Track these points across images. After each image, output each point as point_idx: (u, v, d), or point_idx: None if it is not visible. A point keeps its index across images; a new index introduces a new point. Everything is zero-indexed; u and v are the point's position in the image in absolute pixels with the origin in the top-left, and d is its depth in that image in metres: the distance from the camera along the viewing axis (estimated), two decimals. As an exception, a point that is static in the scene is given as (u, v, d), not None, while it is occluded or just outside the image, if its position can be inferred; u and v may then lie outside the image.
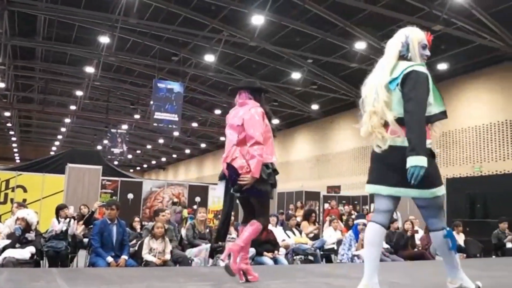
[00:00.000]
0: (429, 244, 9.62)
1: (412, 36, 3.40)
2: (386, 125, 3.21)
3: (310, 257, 9.58)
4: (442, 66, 21.32)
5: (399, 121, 3.13)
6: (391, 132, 3.17)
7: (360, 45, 20.70)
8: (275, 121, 33.31)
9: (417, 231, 10.08)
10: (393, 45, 3.42)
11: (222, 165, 4.22)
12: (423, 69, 3.18)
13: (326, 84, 25.98)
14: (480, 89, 20.84)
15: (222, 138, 42.03)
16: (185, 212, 16.08)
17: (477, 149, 20.61)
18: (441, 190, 3.25)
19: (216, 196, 18.60)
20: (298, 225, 11.32)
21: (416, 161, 2.95)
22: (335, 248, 9.67)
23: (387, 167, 3.22)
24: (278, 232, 9.38)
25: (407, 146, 3.02)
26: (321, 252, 9.97)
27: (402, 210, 15.36)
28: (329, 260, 10.01)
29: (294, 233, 10.03)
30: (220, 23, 21.33)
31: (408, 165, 2.98)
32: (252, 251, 7.74)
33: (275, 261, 7.75)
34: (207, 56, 24.09)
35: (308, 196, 20.34)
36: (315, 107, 30.01)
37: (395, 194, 3.25)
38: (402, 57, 3.35)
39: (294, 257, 9.54)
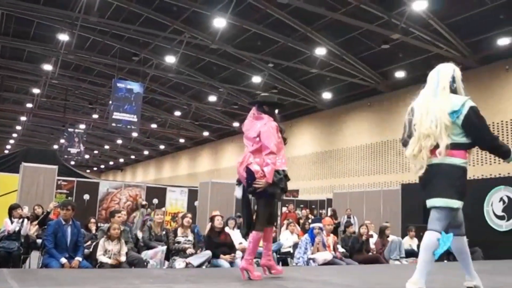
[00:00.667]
0: (383, 248, 9.84)
1: (457, 71, 3.87)
2: (435, 147, 3.58)
3: (267, 260, 9.62)
4: (400, 74, 21.85)
5: (455, 145, 3.56)
6: (448, 153, 3.55)
7: (320, 51, 20.98)
8: (235, 124, 33.40)
9: (371, 236, 10.28)
10: (445, 78, 3.80)
11: (238, 170, 4.70)
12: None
13: (286, 88, 26.20)
14: (435, 97, 21.40)
15: (181, 140, 41.87)
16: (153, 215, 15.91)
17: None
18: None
19: (174, 199, 18.49)
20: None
21: None
22: (291, 251, 9.76)
23: (447, 182, 3.55)
24: (236, 235, 9.39)
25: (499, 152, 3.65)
26: (278, 255, 10.05)
27: (358, 215, 15.66)
28: (285, 263, 10.09)
29: (251, 236, 10.07)
30: (182, 25, 21.25)
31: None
32: (208, 253, 7.75)
33: (232, 264, 7.76)
34: (168, 57, 23.95)
35: (266, 199, 20.41)
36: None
37: (434, 204, 3.62)
38: (450, 88, 3.79)
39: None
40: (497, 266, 6.23)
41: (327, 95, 26.04)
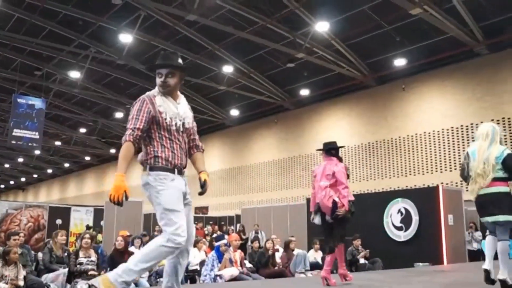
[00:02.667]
0: (289, 262, 10.05)
1: (497, 128, 5.18)
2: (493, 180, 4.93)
3: (174, 279, 9.51)
4: (304, 92, 22.59)
5: (499, 179, 4.93)
6: (495, 184, 4.92)
7: (228, 69, 21.26)
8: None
9: (277, 250, 10.47)
10: (497, 136, 5.10)
11: (320, 201, 5.99)
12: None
13: (195, 105, 26.16)
14: (339, 115, 22.34)
15: (87, 158, 40.48)
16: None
17: (336, 171, 21.97)
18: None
19: (79, 219, 17.81)
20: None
21: None
22: (198, 268, 9.72)
23: (497, 204, 4.89)
24: (142, 254, 9.21)
25: None
26: (185, 274, 9.96)
27: (266, 230, 15.88)
28: (193, 281, 10.02)
29: (158, 255, 9.91)
30: (88, 39, 20.73)
31: None
32: (113, 274, 7.52)
33: (136, 284, 7.59)
34: (73, 72, 23.15)
35: (175, 217, 20.15)
36: (184, 128, 30.01)
37: (498, 219, 4.89)
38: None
39: (158, 279, 9.42)
40: (393, 274, 6.59)
41: (235, 112, 26.34)
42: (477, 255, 13.24)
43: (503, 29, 16.29)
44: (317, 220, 6.14)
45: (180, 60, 3.80)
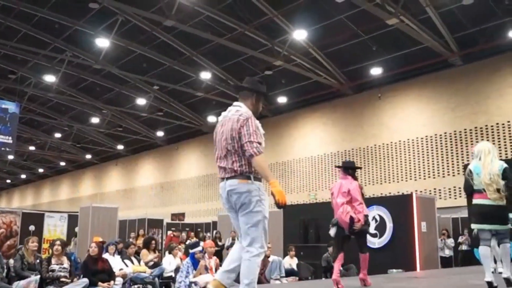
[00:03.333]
0: (264, 269, 10.05)
1: (493, 146, 6.02)
2: (498, 191, 5.53)
3: (149, 286, 9.43)
4: (282, 100, 22.68)
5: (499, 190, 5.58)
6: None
7: (205, 75, 21.25)
8: (120, 147, 32.52)
9: (253, 256, 10.46)
10: (496, 152, 5.92)
11: (338, 217, 6.50)
12: None
13: (172, 111, 26.10)
14: (316, 123, 22.48)
15: (62, 163, 39.96)
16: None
17: (313, 178, 22.11)
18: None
19: (53, 226, 17.54)
20: (138, 253, 11.10)
21: None
22: (173, 275, 9.65)
23: (498, 214, 5.54)
24: (115, 261, 9.11)
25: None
26: (160, 280, 9.88)
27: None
28: (168, 288, 9.96)
29: (132, 262, 9.82)
30: (64, 43, 20.52)
31: None
32: (85, 281, 7.45)
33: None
34: (48, 76, 22.86)
35: (151, 223, 19.97)
36: (160, 133, 29.89)
37: (494, 228, 5.57)
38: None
39: (132, 286, 9.33)
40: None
41: (212, 119, 26.27)
42: (449, 262, 13.42)
43: (476, 40, 16.64)
44: (332, 232, 6.68)
45: None
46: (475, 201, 5.68)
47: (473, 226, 5.74)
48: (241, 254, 3.77)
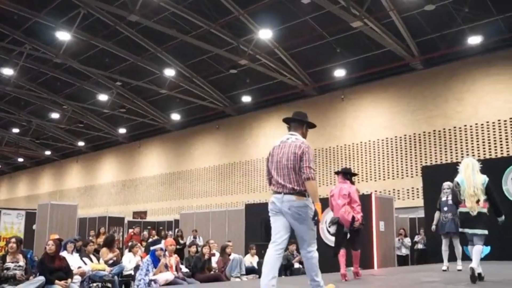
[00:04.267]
0: (225, 267, 10.05)
1: (476, 161, 6.85)
2: (478, 202, 6.45)
3: (108, 284, 9.31)
4: (246, 99, 22.71)
5: (484, 200, 6.50)
6: (482, 205, 6.46)
7: (170, 72, 21.08)
8: (81, 143, 31.94)
9: (214, 254, 10.44)
10: (478, 166, 6.72)
11: (340, 216, 7.18)
12: None
13: (135, 108, 25.78)
14: (279, 123, 22.32)
15: (20, 159, 39.01)
16: None
17: (275, 178, 22.16)
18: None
19: (10, 223, 17.11)
20: (98, 251, 10.94)
21: (503, 218, 6.64)
22: (133, 273, 9.55)
23: (477, 221, 6.43)
24: (74, 259, 8.95)
25: (497, 212, 6.61)
26: (120, 278, 9.76)
27: (205, 235, 15.82)
28: (128, 286, 9.84)
29: (91, 260, 9.66)
30: (23, 35, 20.03)
31: (501, 220, 6.60)
32: (41, 279, 7.29)
33: (67, 290, 7.37)
34: (6, 69, 22.22)
35: (112, 221, 19.68)
36: (122, 130, 29.47)
37: (477, 232, 6.44)
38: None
39: (91, 285, 9.19)
40: (326, 278, 6.75)
41: (176, 116, 26.12)
42: (406, 260, 13.72)
43: (437, 45, 17.05)
44: (332, 229, 7.38)
45: None
46: (461, 209, 6.62)
47: (460, 230, 6.83)
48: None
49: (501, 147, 16.22)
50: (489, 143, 16.48)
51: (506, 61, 16.48)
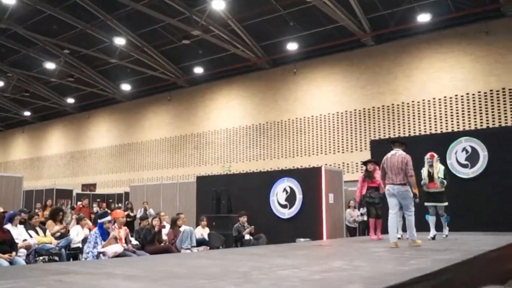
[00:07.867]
0: (176, 239, 10.05)
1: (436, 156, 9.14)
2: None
3: (56, 257, 9.15)
4: (198, 70, 22.49)
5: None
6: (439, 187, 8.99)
7: (120, 41, 20.56)
8: (26, 113, 30.90)
9: (164, 226, 10.41)
10: (438, 163, 9.04)
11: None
12: None
13: (83, 77, 25.08)
14: (232, 95, 22.52)
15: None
16: None
17: (227, 150, 22.25)
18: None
19: None
20: (44, 223, 10.70)
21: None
22: (81, 246, 9.43)
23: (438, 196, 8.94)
24: (18, 232, 8.73)
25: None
26: (68, 252, 9.61)
27: (155, 207, 15.74)
28: (76, 258, 9.70)
29: (37, 233, 9.45)
30: (-37, -2, 18.97)
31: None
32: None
33: (11, 263, 7.20)
34: None
35: (59, 194, 19.30)
36: (71, 100, 28.68)
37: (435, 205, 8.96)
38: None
39: (37, 258, 9.01)
40: (275, 249, 6.86)
41: (126, 87, 25.60)
42: (354, 231, 14.10)
43: (388, 22, 17.29)
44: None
45: None
46: (427, 190, 8.92)
47: (425, 204, 8.88)
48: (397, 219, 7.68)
49: (446, 123, 16.78)
50: (435, 119, 17.01)
51: (453, 40, 16.94)
